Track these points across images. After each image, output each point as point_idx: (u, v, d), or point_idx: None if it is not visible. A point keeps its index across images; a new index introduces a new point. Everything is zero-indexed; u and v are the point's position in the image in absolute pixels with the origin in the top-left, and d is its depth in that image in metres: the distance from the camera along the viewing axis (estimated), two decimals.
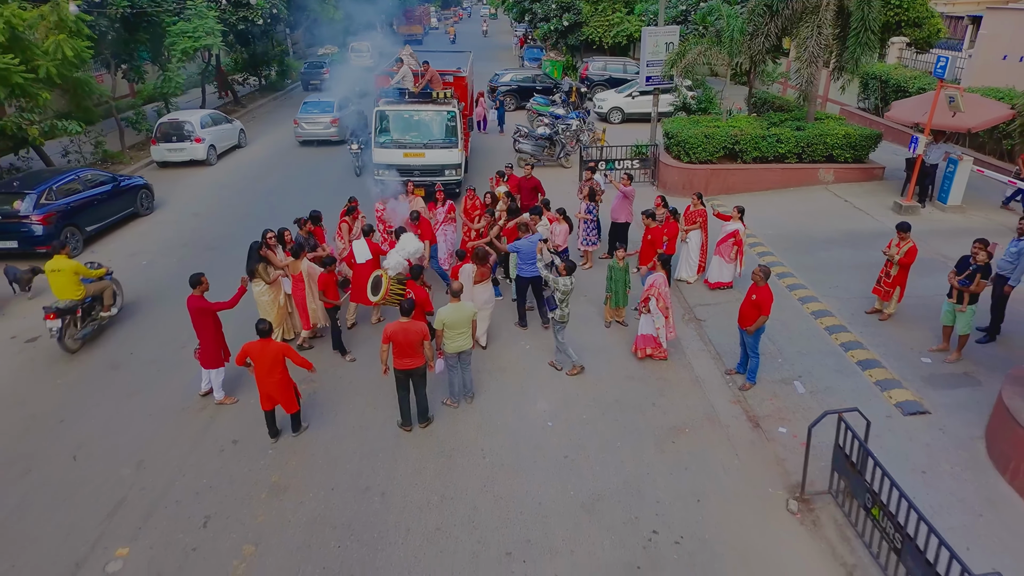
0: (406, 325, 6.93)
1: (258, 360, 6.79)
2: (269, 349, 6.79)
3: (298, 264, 8.68)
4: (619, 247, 9.42)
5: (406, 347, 6.95)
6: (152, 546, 5.95)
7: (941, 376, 8.19)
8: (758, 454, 7.13)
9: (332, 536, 6.05)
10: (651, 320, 8.61)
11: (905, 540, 5.10)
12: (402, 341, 6.91)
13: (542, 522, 6.21)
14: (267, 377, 6.84)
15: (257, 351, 6.78)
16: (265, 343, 6.80)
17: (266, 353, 6.77)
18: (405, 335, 6.90)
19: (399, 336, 6.90)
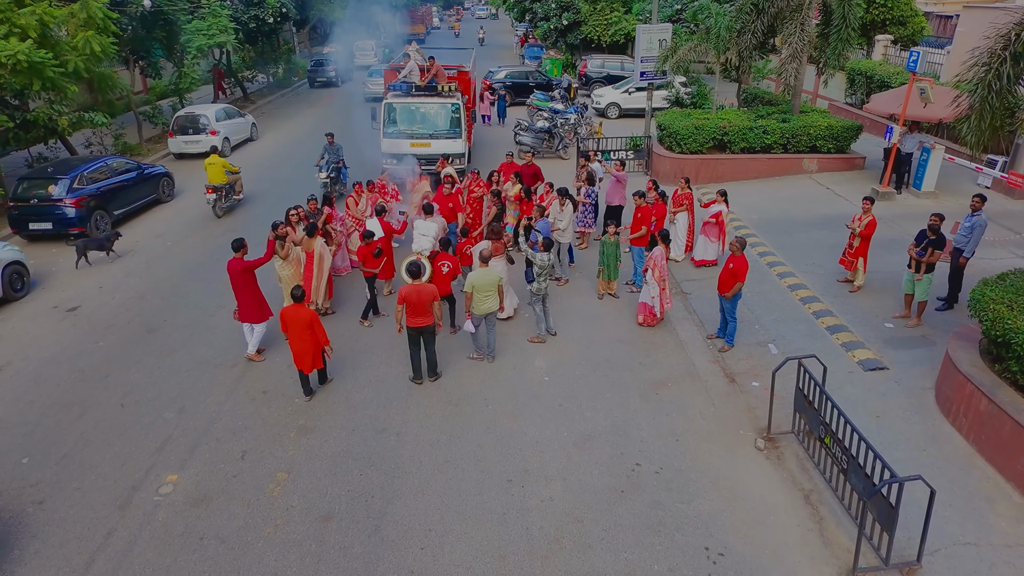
0: (418, 287, 7.78)
1: (292, 323, 7.49)
2: (301, 314, 7.48)
3: (311, 242, 9.39)
4: (610, 224, 10.26)
5: (418, 306, 7.79)
6: (198, 473, 6.81)
7: (901, 339, 9.03)
8: (732, 403, 7.98)
9: (354, 466, 6.91)
10: (647, 290, 9.46)
11: (850, 460, 5.94)
12: (415, 301, 7.74)
13: (538, 456, 7.06)
14: (300, 339, 7.54)
15: (291, 315, 7.49)
16: (298, 308, 7.53)
17: (299, 317, 7.46)
18: (418, 295, 7.74)
19: (412, 297, 7.74)
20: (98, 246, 12.00)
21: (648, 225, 10.60)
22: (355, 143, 16.78)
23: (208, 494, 6.54)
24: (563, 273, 11.14)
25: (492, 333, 8.71)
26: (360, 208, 11.21)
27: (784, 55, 15.02)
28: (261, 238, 12.64)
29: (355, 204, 11.22)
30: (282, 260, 9.37)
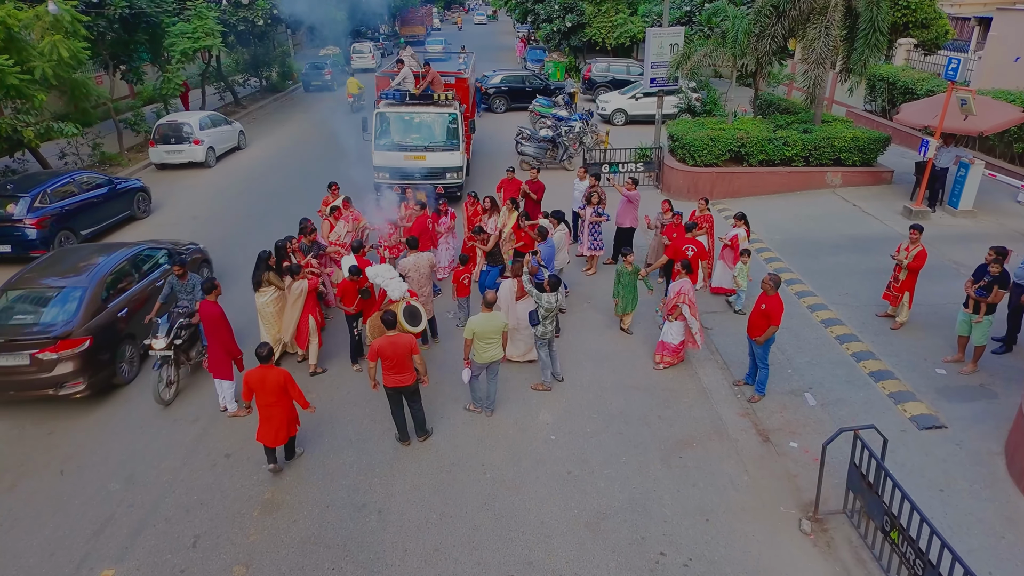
0: (393, 339, 6.67)
1: (259, 389, 6.32)
2: (270, 377, 6.31)
3: (293, 282, 8.22)
4: (627, 252, 9.18)
5: (395, 361, 6.67)
6: (139, 567, 5.73)
7: (956, 388, 7.94)
8: (768, 470, 6.90)
9: (327, 556, 5.82)
10: (675, 328, 8.38)
11: (927, 567, 4.86)
12: (391, 355, 6.64)
13: (544, 542, 5.98)
14: (270, 406, 6.34)
15: (258, 379, 6.30)
16: (266, 370, 6.34)
17: (267, 381, 6.29)
18: (393, 348, 6.63)
19: (387, 351, 6.63)
20: None
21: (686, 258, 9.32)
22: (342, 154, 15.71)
23: None
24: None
25: (493, 384, 7.63)
26: (337, 233, 10.06)
27: (808, 61, 13.92)
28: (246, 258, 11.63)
29: (330, 229, 10.07)
30: (268, 296, 8.27)
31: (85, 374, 7.54)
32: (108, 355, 7.95)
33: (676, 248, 9.49)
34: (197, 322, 7.81)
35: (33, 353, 7.32)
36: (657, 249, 10.68)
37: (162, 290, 8.38)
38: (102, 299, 8.10)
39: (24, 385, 7.43)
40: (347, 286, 8.20)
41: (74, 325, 7.59)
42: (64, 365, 7.40)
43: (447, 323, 9.64)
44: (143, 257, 9.23)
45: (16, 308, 7.86)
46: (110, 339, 8.01)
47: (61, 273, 8.43)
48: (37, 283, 8.22)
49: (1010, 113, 12.66)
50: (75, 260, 8.85)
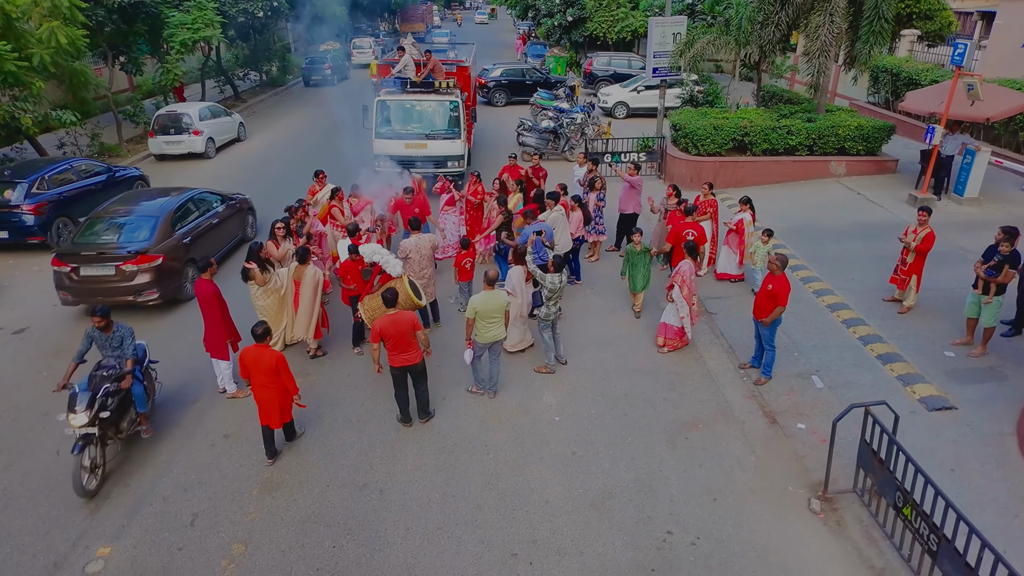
0: (394, 317, 6.52)
1: (254, 368, 6.16)
2: (265, 357, 6.12)
3: (303, 269, 7.91)
4: (636, 231, 9.07)
5: (398, 340, 6.53)
6: (136, 545, 5.61)
7: (966, 370, 7.83)
8: (776, 450, 6.78)
9: (327, 535, 5.71)
10: (675, 309, 8.27)
11: (942, 541, 4.74)
12: (393, 334, 6.49)
13: (549, 521, 5.86)
14: (264, 387, 6.22)
15: (253, 358, 6.15)
16: (261, 349, 6.17)
17: (262, 361, 6.12)
18: (395, 327, 6.48)
19: (389, 329, 6.48)
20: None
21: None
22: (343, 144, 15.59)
23: (145, 573, 5.35)
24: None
25: (496, 365, 7.51)
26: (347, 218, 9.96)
27: (812, 49, 13.80)
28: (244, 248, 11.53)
29: (340, 215, 9.98)
30: (260, 288, 7.99)
31: (158, 285, 9.20)
32: (175, 272, 9.55)
33: (676, 233, 9.39)
34: (128, 386, 6.42)
35: (118, 265, 9.04)
36: (661, 235, 10.57)
37: (82, 343, 6.67)
38: (171, 227, 9.77)
39: (110, 292, 9.04)
40: (348, 266, 8.07)
41: (150, 244, 9.27)
42: (142, 276, 9.08)
43: (448, 308, 9.53)
44: (200, 199, 10.90)
45: (103, 231, 9.57)
46: (176, 259, 9.61)
47: (137, 206, 10.20)
48: (119, 213, 9.94)
49: (1016, 99, 12.55)
50: (147, 197, 10.80)
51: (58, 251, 9.39)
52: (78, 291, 9.14)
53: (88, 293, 9.12)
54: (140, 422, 6.73)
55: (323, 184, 10.56)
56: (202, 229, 10.43)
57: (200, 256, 9.19)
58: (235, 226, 11.58)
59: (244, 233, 11.85)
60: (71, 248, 9.31)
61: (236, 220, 11.64)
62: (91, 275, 9.07)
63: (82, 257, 9.09)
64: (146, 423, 6.80)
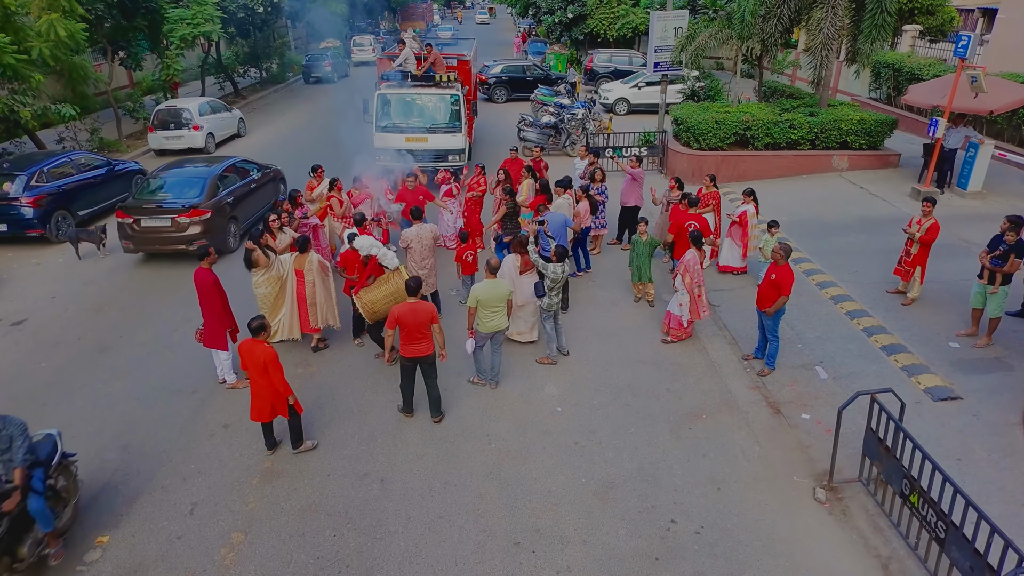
0: (414, 306, 6.44)
1: (248, 361, 6.02)
2: (256, 352, 5.95)
3: (304, 259, 7.80)
4: (642, 220, 9.01)
5: (414, 330, 6.43)
6: (135, 533, 5.55)
7: (971, 361, 7.77)
8: (780, 441, 6.73)
9: (327, 524, 5.65)
10: (676, 298, 8.23)
11: (950, 528, 4.68)
12: (411, 323, 6.39)
13: (552, 510, 5.81)
14: (255, 382, 6.07)
15: (246, 351, 6.03)
16: (254, 344, 5.99)
17: (252, 355, 5.97)
18: (414, 316, 6.39)
19: (408, 318, 6.38)
20: (89, 238, 11.10)
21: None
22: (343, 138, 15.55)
23: (144, 562, 5.29)
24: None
25: (497, 355, 7.45)
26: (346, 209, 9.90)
27: (814, 42, 13.74)
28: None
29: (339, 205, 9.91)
30: (260, 276, 7.86)
31: (206, 236, 10.38)
32: (221, 226, 11.03)
33: (679, 225, 9.33)
34: (12, 508, 4.76)
35: (173, 217, 10.42)
36: (663, 227, 10.51)
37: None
38: (216, 187, 11.16)
39: (166, 240, 10.56)
40: (349, 256, 8.00)
41: (200, 201, 10.68)
42: (193, 228, 10.46)
43: (450, 300, 9.48)
44: (240, 166, 12.42)
45: (160, 189, 11.11)
46: (222, 215, 11.11)
47: (188, 169, 11.74)
48: (173, 174, 11.49)
49: (1020, 92, 12.49)
50: (195, 163, 12.27)
51: (122, 205, 10.83)
52: (139, 240, 10.56)
53: (147, 242, 10.62)
54: (47, 543, 5.08)
55: (321, 180, 10.46)
56: (242, 192, 11.86)
57: (242, 215, 11.55)
58: (269, 193, 13.00)
59: (276, 198, 12.92)
60: (134, 203, 10.77)
61: (270, 187, 13.11)
62: (150, 226, 10.50)
63: (143, 210, 10.50)
64: (56, 544, 5.15)
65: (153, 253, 10.92)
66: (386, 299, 7.40)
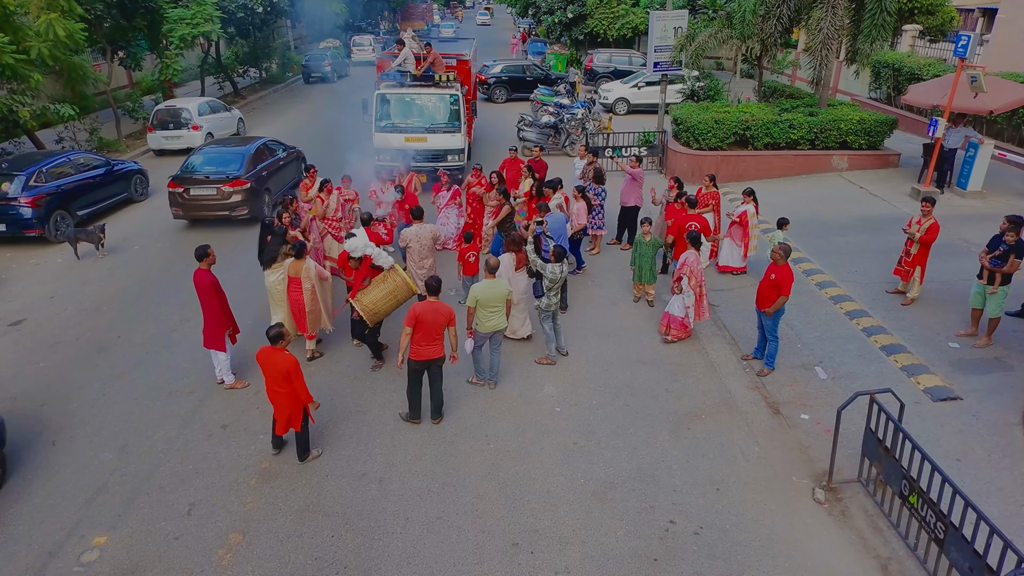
0: (435, 305, 6.34)
1: (266, 370, 5.95)
2: (275, 360, 5.87)
3: (300, 264, 7.57)
4: (646, 221, 8.99)
5: (431, 330, 6.33)
6: (132, 534, 5.54)
7: (971, 361, 7.76)
8: (779, 441, 6.71)
9: (325, 524, 5.64)
10: (681, 300, 8.21)
11: (949, 529, 4.67)
12: (430, 322, 6.28)
13: (551, 510, 5.79)
14: (273, 392, 6.00)
15: (265, 360, 5.93)
16: (273, 352, 5.91)
17: (272, 364, 5.88)
18: (434, 315, 6.29)
19: (428, 316, 6.25)
20: (87, 238, 11.07)
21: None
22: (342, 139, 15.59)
23: (142, 563, 5.27)
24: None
25: (497, 355, 7.43)
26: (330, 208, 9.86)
27: (814, 42, 13.72)
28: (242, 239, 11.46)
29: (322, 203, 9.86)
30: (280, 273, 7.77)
31: (247, 205, 12.13)
32: (258, 197, 12.51)
33: (679, 225, 9.31)
34: None
35: (219, 187, 11.93)
36: (661, 227, 10.49)
37: None
38: (253, 162, 12.72)
39: (212, 208, 12.08)
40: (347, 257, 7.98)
41: (241, 173, 12.23)
42: (236, 196, 12.02)
43: (449, 300, 9.39)
44: (269, 145, 13.96)
45: (206, 162, 12.54)
46: (258, 186, 12.60)
47: (228, 147, 13.50)
48: (216, 150, 13.18)
49: (1020, 92, 12.48)
50: (233, 143, 14.38)
51: (173, 176, 12.17)
52: (187, 207, 12.04)
53: (195, 209, 12.10)
54: None
55: (314, 180, 10.41)
56: (273, 167, 13.47)
57: (273, 187, 13.23)
58: (293, 170, 14.51)
59: (299, 176, 14.11)
60: (183, 174, 12.17)
61: (293, 164, 14.63)
62: (198, 195, 11.95)
63: (192, 180, 12.02)
64: None
65: (198, 219, 12.42)
66: (386, 298, 7.38)
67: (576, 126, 17.92)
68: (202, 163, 12.49)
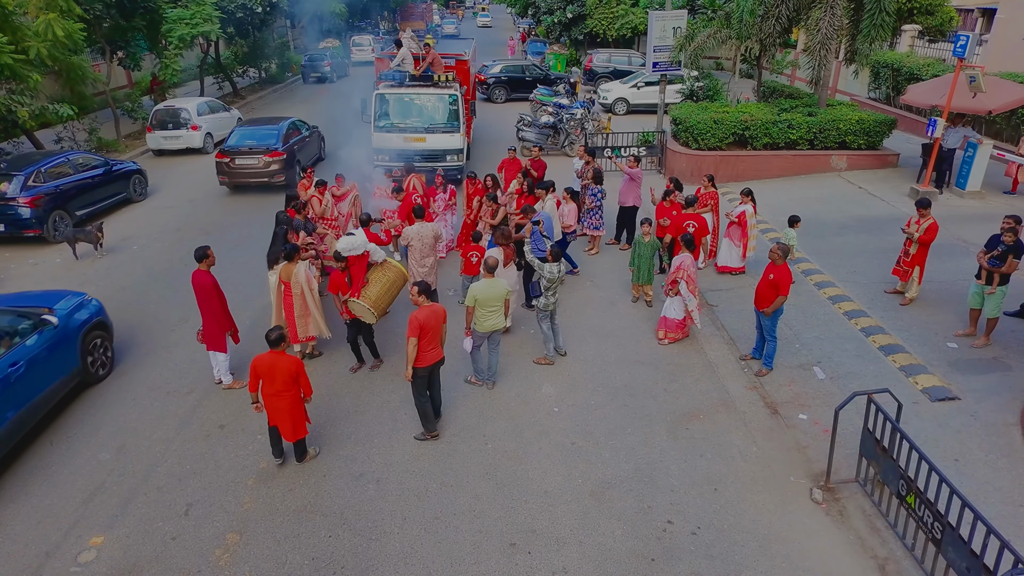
0: (432, 308, 6.24)
1: (267, 377, 5.82)
2: (280, 364, 5.76)
3: (291, 268, 7.48)
4: (645, 221, 8.99)
5: (434, 335, 6.25)
6: (129, 534, 5.54)
7: (969, 361, 7.76)
8: (777, 441, 6.71)
9: (323, 524, 5.64)
10: (677, 303, 8.21)
11: (946, 529, 4.67)
12: (434, 326, 6.19)
13: (548, 510, 5.79)
14: (280, 397, 5.86)
15: (266, 366, 5.79)
16: (277, 356, 5.79)
17: (276, 369, 5.77)
18: (435, 320, 6.21)
19: (431, 321, 6.13)
20: (86, 238, 11.06)
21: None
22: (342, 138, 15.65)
23: (139, 563, 5.27)
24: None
25: (495, 355, 7.43)
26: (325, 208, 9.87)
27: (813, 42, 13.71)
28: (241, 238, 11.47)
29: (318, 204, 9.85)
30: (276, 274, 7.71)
31: (283, 172, 14.21)
32: (291, 166, 14.50)
33: (677, 225, 9.31)
34: None
35: (260, 156, 14.09)
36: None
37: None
38: (287, 136, 14.94)
39: (254, 175, 14.19)
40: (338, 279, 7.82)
41: (279, 145, 14.42)
42: (274, 165, 14.17)
43: (448, 300, 9.44)
44: (298, 122, 16.06)
45: (247, 137, 14.73)
46: (291, 155, 14.71)
47: (265, 125, 15.49)
48: (254, 128, 15.23)
49: (1019, 92, 12.48)
50: (268, 121, 16.13)
51: (221, 148, 14.48)
52: (232, 174, 14.17)
53: (239, 176, 14.20)
54: None
55: (311, 180, 10.40)
56: (301, 142, 15.52)
57: (303, 159, 15.30)
58: (315, 146, 16.76)
59: (321, 153, 16.96)
60: (229, 147, 14.27)
61: (315, 141, 16.79)
62: (242, 164, 14.08)
63: (237, 151, 14.16)
64: None
65: (241, 186, 14.38)
66: (388, 291, 7.49)
67: (575, 126, 17.93)
68: (244, 137, 14.54)
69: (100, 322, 7.78)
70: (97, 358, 7.60)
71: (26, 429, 6.44)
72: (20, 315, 6.88)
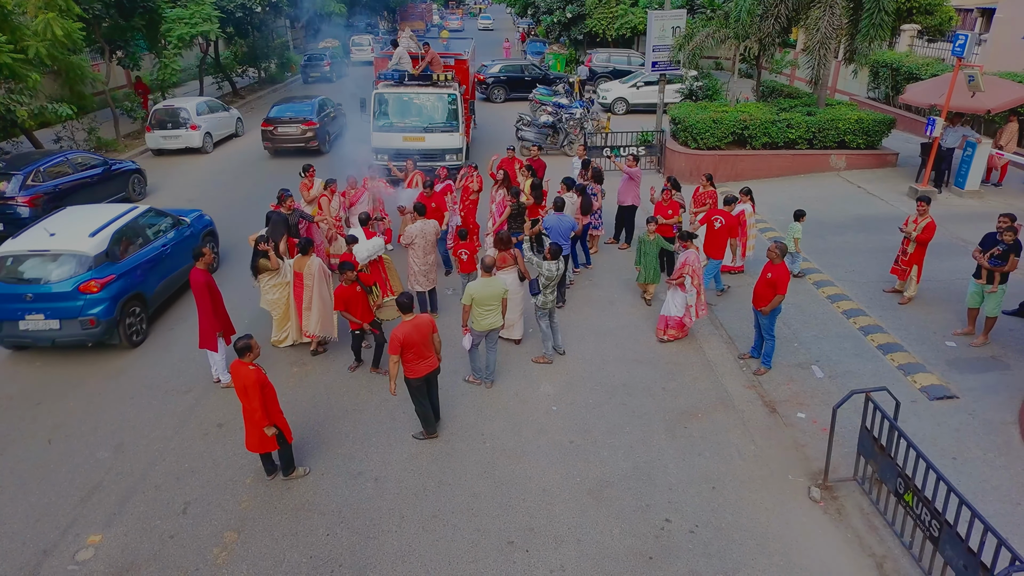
0: (415, 322, 6.09)
1: (235, 383, 5.63)
2: (241, 374, 5.53)
3: (305, 261, 7.52)
4: (651, 221, 8.99)
5: (421, 347, 6.14)
6: (127, 532, 5.54)
7: (967, 360, 7.76)
8: (775, 439, 6.71)
9: (321, 523, 5.64)
10: (677, 300, 8.20)
11: (944, 527, 4.67)
12: (417, 341, 6.07)
13: (546, 508, 5.79)
14: (244, 408, 5.64)
15: (233, 372, 5.67)
16: (238, 366, 5.58)
17: (236, 379, 5.57)
18: (418, 332, 6.07)
19: (413, 336, 6.02)
20: None
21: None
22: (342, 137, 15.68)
23: (136, 561, 5.27)
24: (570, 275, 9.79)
25: (493, 353, 7.43)
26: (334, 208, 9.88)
27: (812, 41, 13.72)
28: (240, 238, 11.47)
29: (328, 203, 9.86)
30: (268, 282, 7.84)
31: (317, 140, 17.26)
32: (323, 134, 17.71)
33: (707, 218, 9.25)
34: None
35: (298, 125, 17.11)
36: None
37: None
38: (319, 111, 17.80)
39: (293, 140, 17.18)
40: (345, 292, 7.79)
41: (314, 116, 17.39)
42: (309, 133, 17.17)
43: (446, 299, 9.46)
44: (326, 101, 18.89)
45: (287, 110, 17.58)
46: (323, 128, 17.70)
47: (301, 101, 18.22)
48: (292, 102, 18.15)
49: (1018, 91, 12.48)
50: (303, 98, 18.73)
51: (266, 118, 17.33)
52: (276, 140, 17.13)
53: (281, 141, 17.16)
54: None
55: (313, 180, 10.32)
56: (330, 116, 18.51)
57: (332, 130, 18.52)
58: (341, 122, 19.33)
59: (340, 132, 19.00)
60: (273, 117, 17.24)
61: (340, 118, 19.42)
62: (283, 131, 17.11)
63: (280, 121, 17.15)
64: None
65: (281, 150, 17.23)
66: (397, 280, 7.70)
67: (575, 126, 17.93)
68: (284, 111, 17.42)
69: (211, 231, 10.73)
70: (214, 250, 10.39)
71: (168, 293, 9.27)
72: (171, 219, 9.80)
